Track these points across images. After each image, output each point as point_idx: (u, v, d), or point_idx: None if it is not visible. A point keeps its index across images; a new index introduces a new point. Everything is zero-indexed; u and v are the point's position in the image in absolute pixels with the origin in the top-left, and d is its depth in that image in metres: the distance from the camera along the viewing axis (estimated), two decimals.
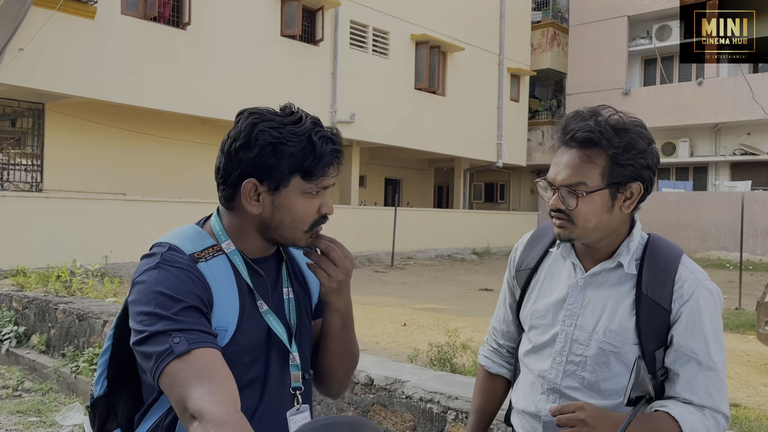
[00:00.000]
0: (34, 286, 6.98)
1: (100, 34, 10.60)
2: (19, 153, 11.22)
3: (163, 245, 1.24)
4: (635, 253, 1.45)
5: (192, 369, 1.06)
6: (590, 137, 1.35)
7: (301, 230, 1.27)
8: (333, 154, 1.24)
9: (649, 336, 1.40)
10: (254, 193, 1.24)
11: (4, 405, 4.70)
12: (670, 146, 19.31)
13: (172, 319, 1.11)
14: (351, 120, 14.86)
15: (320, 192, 1.26)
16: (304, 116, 1.26)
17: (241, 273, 1.26)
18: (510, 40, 19.68)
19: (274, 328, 1.28)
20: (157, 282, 1.16)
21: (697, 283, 1.40)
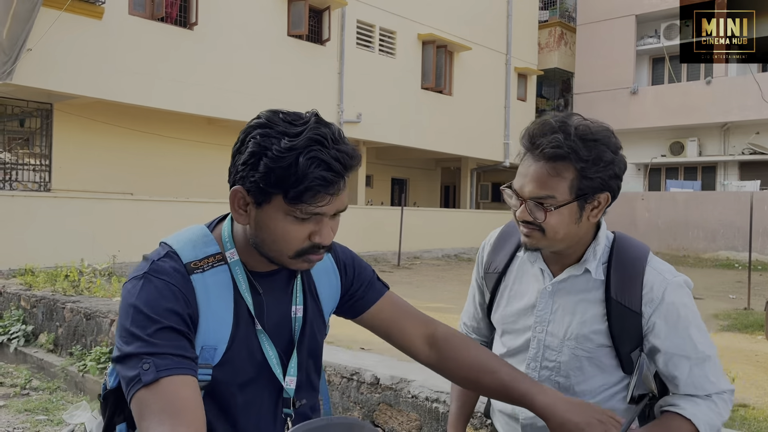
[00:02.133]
0: (42, 286, 7.01)
1: (107, 35, 10.64)
2: (27, 153, 11.28)
3: (164, 248, 1.19)
4: (602, 257, 1.45)
5: (156, 401, 1.01)
6: (559, 153, 1.33)
7: (285, 254, 1.15)
8: (319, 181, 1.06)
9: (623, 339, 1.40)
10: (242, 203, 1.14)
11: (12, 403, 4.72)
12: (678, 146, 19.21)
13: (145, 340, 1.06)
14: (358, 120, 14.86)
15: (312, 218, 1.12)
16: (309, 129, 1.09)
17: (239, 287, 1.19)
18: (517, 39, 19.63)
19: (266, 351, 1.21)
20: (138, 296, 1.11)
21: (665, 283, 1.40)
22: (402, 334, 1.40)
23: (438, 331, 1.41)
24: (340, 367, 3.79)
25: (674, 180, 19.57)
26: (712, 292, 11.35)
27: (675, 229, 18.07)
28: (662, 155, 19.66)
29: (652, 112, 19.18)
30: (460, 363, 1.37)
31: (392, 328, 1.40)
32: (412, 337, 1.39)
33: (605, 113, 20.11)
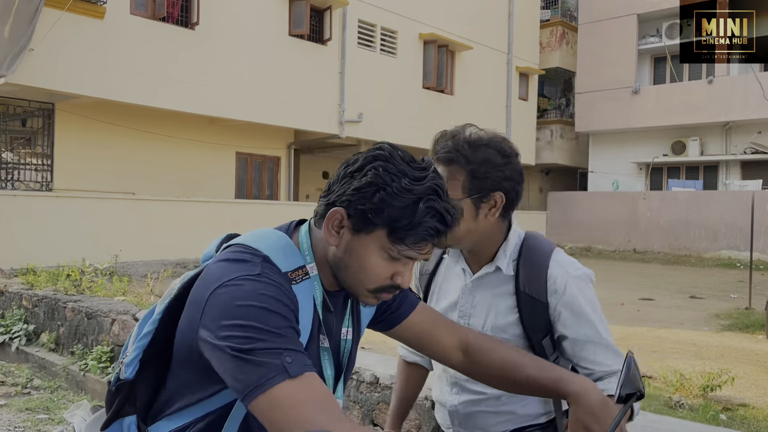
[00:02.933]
0: (43, 285, 7.02)
1: (109, 35, 10.66)
2: (29, 152, 11.30)
3: (257, 254, 1.14)
4: (512, 254, 1.59)
5: (310, 391, 1.00)
6: (450, 156, 1.52)
7: (364, 286, 1.17)
8: (431, 231, 1.11)
9: (533, 328, 1.55)
10: (338, 224, 1.14)
11: (14, 402, 4.74)
12: (680, 145, 19.19)
13: (281, 336, 1.02)
14: (359, 119, 14.87)
15: (401, 259, 1.14)
16: (429, 178, 1.12)
17: (316, 301, 1.19)
18: (519, 38, 19.62)
19: (325, 370, 1.21)
20: (266, 293, 1.06)
21: (567, 275, 1.53)
22: (437, 345, 1.41)
23: (469, 337, 1.42)
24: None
25: (676, 179, 19.55)
26: (714, 291, 11.35)
27: (677, 228, 18.05)
28: (664, 155, 19.64)
29: (653, 112, 19.15)
30: (491, 364, 1.39)
31: (426, 339, 1.41)
32: (447, 346, 1.41)
33: (607, 113, 20.12)
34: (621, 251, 18.79)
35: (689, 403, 4.14)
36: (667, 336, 7.15)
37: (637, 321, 8.16)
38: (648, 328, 7.60)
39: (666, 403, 4.12)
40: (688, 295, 10.71)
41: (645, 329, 7.55)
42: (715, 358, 6.04)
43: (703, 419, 3.63)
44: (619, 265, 16.26)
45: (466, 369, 1.42)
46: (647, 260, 17.51)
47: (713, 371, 4.56)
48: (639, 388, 1.18)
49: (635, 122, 19.61)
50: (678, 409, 3.97)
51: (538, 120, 21.53)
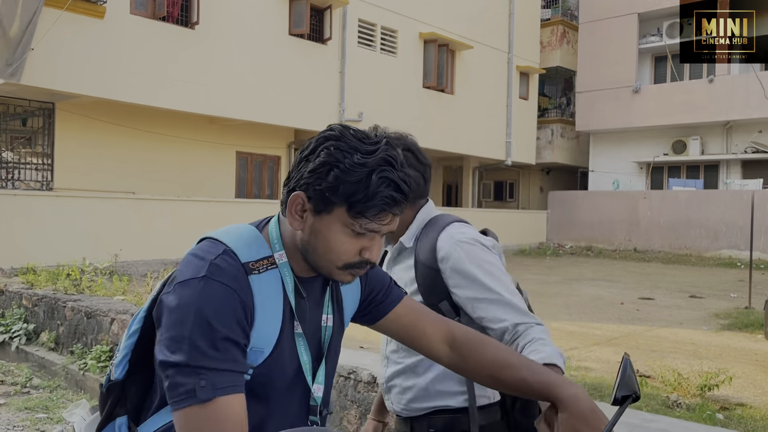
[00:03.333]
0: (43, 284, 7.04)
1: (109, 34, 10.68)
2: (29, 152, 11.32)
3: (219, 246, 1.16)
4: (415, 232, 1.77)
5: (208, 421, 1.01)
6: None
7: (334, 265, 1.18)
8: (387, 199, 1.12)
9: (428, 292, 1.69)
10: (300, 208, 1.16)
11: (13, 401, 4.75)
12: (680, 144, 19.18)
13: (204, 353, 1.04)
14: (359, 119, 14.87)
15: (366, 234, 1.16)
16: (381, 150, 1.13)
17: (287, 289, 1.20)
18: (519, 38, 19.61)
19: (301, 356, 1.22)
20: (199, 300, 1.07)
21: (451, 241, 1.68)
22: (422, 338, 1.40)
23: (456, 331, 1.41)
24: (338, 367, 3.79)
25: (677, 179, 19.54)
26: (714, 291, 11.35)
27: (677, 227, 18.04)
28: (664, 154, 19.63)
29: (654, 111, 19.14)
30: (481, 362, 1.37)
31: (411, 332, 1.41)
32: (432, 340, 1.40)
33: (607, 112, 20.11)
34: (622, 250, 18.78)
35: (687, 402, 4.15)
36: (666, 335, 7.15)
37: (637, 320, 8.16)
38: (647, 328, 7.61)
39: (663, 403, 4.12)
40: (688, 295, 10.71)
41: (644, 328, 7.56)
42: (714, 357, 6.04)
43: (699, 419, 3.63)
44: (619, 265, 16.26)
45: (453, 364, 1.40)
46: (648, 259, 17.51)
47: (711, 371, 4.56)
48: (635, 390, 1.18)
49: (636, 121, 19.60)
50: (675, 409, 3.98)
51: (539, 119, 21.52)
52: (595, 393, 4.27)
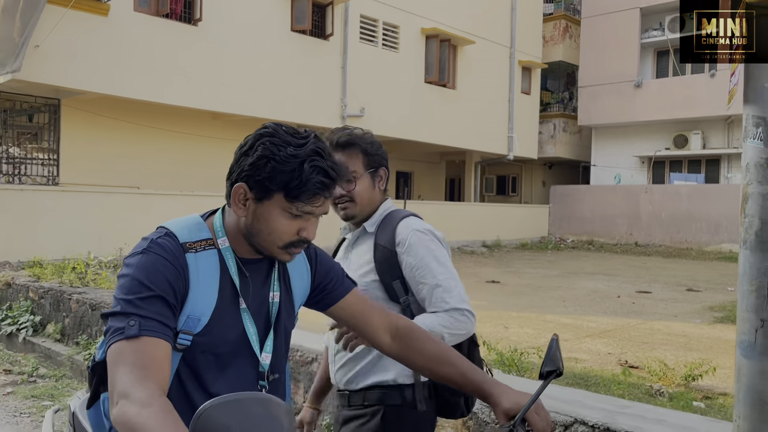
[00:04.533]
0: (49, 277, 7.21)
1: (113, 31, 10.82)
2: (36, 147, 11.49)
3: (162, 230, 1.36)
4: (377, 220, 1.99)
5: (133, 353, 1.17)
6: (350, 140, 1.93)
7: (276, 245, 1.35)
8: (318, 185, 1.30)
9: (384, 272, 1.91)
10: (243, 198, 1.33)
11: (20, 390, 4.93)
12: (682, 138, 19.22)
13: (136, 304, 1.22)
14: (361, 114, 14.99)
15: (303, 216, 1.33)
16: (311, 143, 1.31)
17: (230, 270, 1.37)
18: (521, 32, 19.66)
19: (247, 328, 1.39)
20: (137, 267, 1.27)
21: (409, 229, 1.91)
22: (366, 326, 1.58)
23: (400, 323, 1.59)
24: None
25: (678, 173, 19.59)
26: (712, 284, 11.45)
27: (678, 221, 18.12)
28: (666, 148, 19.68)
29: (655, 105, 19.17)
30: (422, 354, 1.54)
31: (358, 320, 1.58)
32: (376, 328, 1.57)
33: (609, 106, 20.16)
34: (623, 245, 18.87)
35: (670, 391, 4.28)
36: (659, 328, 7.27)
37: (632, 313, 8.28)
38: (641, 320, 7.73)
39: (647, 392, 4.25)
40: (686, 288, 10.81)
41: (638, 321, 7.68)
42: (704, 349, 6.16)
43: (677, 406, 3.76)
44: (620, 259, 16.36)
45: (394, 354, 1.58)
46: (648, 253, 17.59)
47: (695, 362, 4.69)
48: (558, 366, 1.32)
49: (638, 116, 19.65)
50: (658, 397, 4.11)
51: (541, 114, 21.58)
52: (581, 383, 4.41)
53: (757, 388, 1.88)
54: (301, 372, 4.13)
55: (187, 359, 1.33)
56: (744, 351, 1.92)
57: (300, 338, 4.41)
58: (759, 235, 1.87)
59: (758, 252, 1.87)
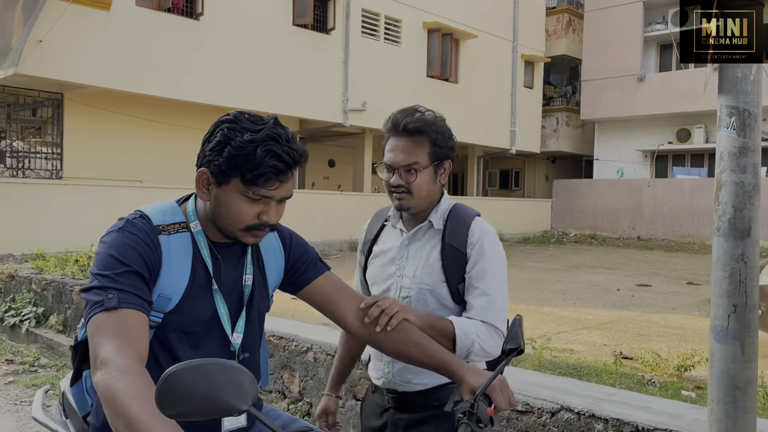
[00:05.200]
0: (52, 270, 7.29)
1: (115, 26, 10.88)
2: (39, 141, 11.59)
3: (137, 213, 1.42)
4: (443, 214, 1.87)
5: (113, 324, 1.23)
6: (419, 127, 1.79)
7: (236, 228, 1.39)
8: (271, 169, 1.32)
9: (452, 274, 1.81)
10: (206, 182, 1.38)
11: (21, 379, 5.01)
12: (685, 132, 19.18)
13: (113, 279, 1.28)
14: (363, 108, 15.02)
15: (262, 199, 1.36)
16: (267, 128, 1.34)
17: (202, 252, 1.42)
18: (524, 26, 19.63)
19: (219, 308, 1.44)
20: (112, 245, 1.33)
21: (483, 232, 1.83)
22: (336, 309, 1.63)
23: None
24: (326, 345, 4.01)
25: (681, 167, 19.56)
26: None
27: (681, 216, 18.10)
28: (669, 142, 19.64)
29: (659, 99, 19.12)
30: (390, 337, 1.59)
31: (328, 303, 1.64)
32: (346, 311, 1.63)
33: (612, 100, 20.12)
34: (625, 239, 18.88)
35: (661, 381, 4.32)
36: (657, 320, 7.30)
37: (630, 306, 8.31)
38: (639, 313, 7.76)
39: (638, 382, 4.29)
40: (686, 282, 10.83)
41: (636, 314, 7.71)
42: (700, 341, 6.19)
43: (665, 394, 3.81)
44: (622, 252, 16.37)
45: (363, 336, 1.63)
46: (651, 247, 17.59)
47: (688, 352, 4.73)
48: (519, 344, 1.37)
49: (640, 110, 19.61)
50: (648, 387, 4.15)
51: (544, 108, 21.56)
52: (574, 373, 4.45)
53: (729, 373, 1.92)
54: (296, 362, 4.19)
55: (159, 336, 1.39)
56: (717, 336, 1.97)
57: (295, 328, 4.48)
58: (732, 223, 1.91)
59: (731, 239, 1.92)
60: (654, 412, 2.76)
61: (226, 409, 0.98)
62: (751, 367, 1.91)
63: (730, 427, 1.93)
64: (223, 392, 0.97)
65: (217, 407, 0.97)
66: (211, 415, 0.98)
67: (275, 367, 4.32)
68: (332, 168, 18.52)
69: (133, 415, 1.06)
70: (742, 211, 1.90)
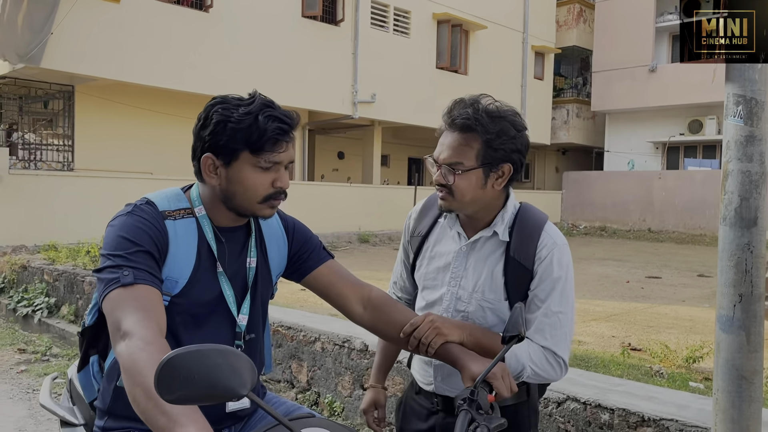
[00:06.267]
0: (64, 260, 7.36)
1: (125, 18, 10.92)
2: (51, 134, 11.67)
3: (144, 199, 1.46)
4: (508, 222, 1.67)
5: (132, 298, 1.25)
6: (468, 123, 1.57)
7: (254, 201, 1.42)
8: (277, 131, 1.37)
9: (516, 292, 1.64)
10: (212, 167, 1.41)
11: (33, 368, 5.08)
12: (696, 124, 19.01)
13: (126, 257, 1.31)
14: (372, 100, 15.00)
15: (273, 167, 1.40)
16: (257, 99, 1.40)
17: (206, 236, 1.45)
18: (534, 17, 19.50)
19: (224, 291, 1.46)
20: (122, 227, 1.37)
21: (554, 246, 1.63)
22: (339, 296, 1.65)
23: (372, 294, 1.66)
24: (333, 335, 4.03)
25: (692, 158, 19.41)
26: None
27: (692, 208, 17.98)
28: (680, 133, 19.48)
29: (670, 90, 18.96)
30: (392, 323, 1.61)
31: (331, 290, 1.65)
32: (348, 299, 1.64)
33: (623, 91, 19.97)
34: (636, 231, 18.78)
35: (669, 372, 4.31)
36: (666, 312, 7.27)
37: (640, 298, 8.28)
38: (648, 305, 7.73)
39: (646, 373, 4.29)
40: (696, 274, 10.78)
41: (645, 305, 7.69)
42: (709, 333, 6.16)
43: (672, 386, 3.80)
44: (632, 245, 16.29)
45: (366, 324, 1.65)
46: (661, 240, 17.50)
47: (697, 344, 4.71)
48: (520, 331, 1.37)
49: (652, 101, 19.45)
50: (656, 378, 4.15)
51: (555, 99, 21.44)
52: (581, 363, 4.45)
53: (735, 363, 1.92)
54: (304, 352, 4.22)
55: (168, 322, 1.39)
56: (723, 325, 1.96)
57: (303, 318, 4.50)
58: (738, 212, 1.90)
59: (737, 228, 1.91)
60: (660, 402, 2.76)
61: (225, 394, 0.99)
62: (756, 356, 1.91)
63: (736, 416, 1.92)
64: (222, 377, 0.98)
65: (215, 392, 0.98)
66: (211, 400, 0.99)
67: (283, 357, 4.35)
68: (341, 160, 18.52)
69: (152, 384, 1.08)
70: (748, 200, 1.89)
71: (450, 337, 1.53)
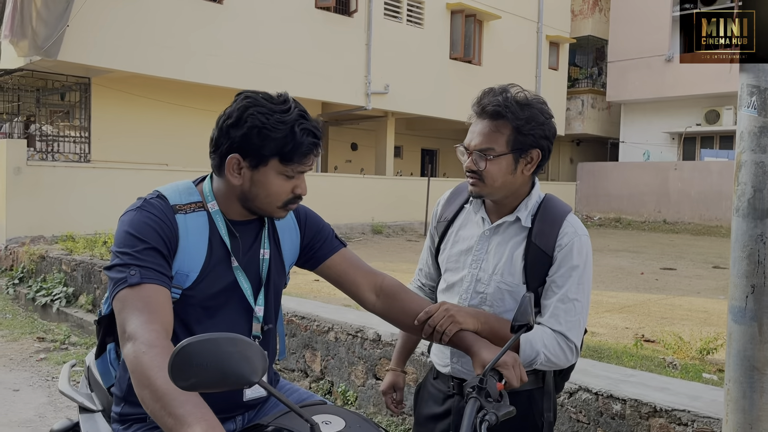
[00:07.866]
0: (81, 251, 7.46)
1: (141, 10, 10.98)
2: (68, 125, 11.79)
3: (155, 192, 1.48)
4: (532, 209, 1.72)
5: (138, 299, 1.28)
6: (498, 110, 1.62)
7: (274, 205, 1.46)
8: (311, 146, 1.41)
9: (534, 277, 1.68)
10: (237, 167, 1.42)
11: (52, 356, 5.17)
12: (713, 114, 18.80)
13: (134, 256, 1.33)
14: (385, 91, 14.98)
15: (296, 175, 1.44)
16: (292, 107, 1.41)
17: (220, 231, 1.47)
18: (549, 6, 19.34)
19: (241, 283, 1.49)
20: (130, 223, 1.39)
21: (575, 235, 1.68)
22: (352, 285, 1.68)
23: (385, 282, 1.69)
24: (346, 325, 4.07)
25: (709, 149, 19.21)
26: None
27: (708, 199, 17.81)
28: (697, 124, 19.28)
29: (687, 80, 18.74)
30: (405, 311, 1.64)
31: (344, 278, 1.68)
32: (361, 287, 1.67)
33: (639, 81, 19.78)
34: (651, 222, 18.65)
35: (682, 364, 4.31)
36: (680, 303, 7.24)
37: (654, 289, 8.25)
38: (663, 296, 7.70)
39: (659, 364, 4.29)
40: (712, 266, 10.70)
41: (659, 297, 7.65)
42: (724, 325, 6.09)
43: (686, 377, 3.80)
44: (647, 236, 16.19)
45: (379, 311, 1.68)
46: (677, 231, 17.37)
47: (711, 335, 4.70)
48: (528, 321, 1.39)
49: (668, 91, 19.25)
50: (669, 369, 4.14)
51: (569, 90, 21.28)
52: (594, 354, 4.45)
53: (747, 354, 1.92)
54: (318, 341, 4.26)
55: (178, 312, 1.43)
56: (735, 316, 1.96)
57: (317, 308, 4.54)
58: (751, 203, 1.90)
59: (750, 219, 1.91)
60: (672, 393, 2.77)
61: (237, 381, 1.02)
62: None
63: (747, 407, 1.93)
64: (234, 365, 1.01)
65: (228, 379, 1.01)
66: (223, 387, 1.02)
67: (297, 346, 4.39)
68: (355, 151, 18.52)
69: (159, 386, 1.12)
70: (762, 191, 1.89)
71: (465, 325, 1.57)
